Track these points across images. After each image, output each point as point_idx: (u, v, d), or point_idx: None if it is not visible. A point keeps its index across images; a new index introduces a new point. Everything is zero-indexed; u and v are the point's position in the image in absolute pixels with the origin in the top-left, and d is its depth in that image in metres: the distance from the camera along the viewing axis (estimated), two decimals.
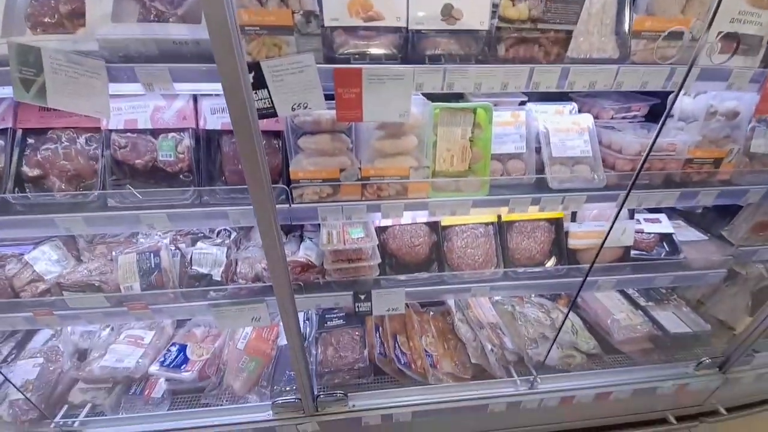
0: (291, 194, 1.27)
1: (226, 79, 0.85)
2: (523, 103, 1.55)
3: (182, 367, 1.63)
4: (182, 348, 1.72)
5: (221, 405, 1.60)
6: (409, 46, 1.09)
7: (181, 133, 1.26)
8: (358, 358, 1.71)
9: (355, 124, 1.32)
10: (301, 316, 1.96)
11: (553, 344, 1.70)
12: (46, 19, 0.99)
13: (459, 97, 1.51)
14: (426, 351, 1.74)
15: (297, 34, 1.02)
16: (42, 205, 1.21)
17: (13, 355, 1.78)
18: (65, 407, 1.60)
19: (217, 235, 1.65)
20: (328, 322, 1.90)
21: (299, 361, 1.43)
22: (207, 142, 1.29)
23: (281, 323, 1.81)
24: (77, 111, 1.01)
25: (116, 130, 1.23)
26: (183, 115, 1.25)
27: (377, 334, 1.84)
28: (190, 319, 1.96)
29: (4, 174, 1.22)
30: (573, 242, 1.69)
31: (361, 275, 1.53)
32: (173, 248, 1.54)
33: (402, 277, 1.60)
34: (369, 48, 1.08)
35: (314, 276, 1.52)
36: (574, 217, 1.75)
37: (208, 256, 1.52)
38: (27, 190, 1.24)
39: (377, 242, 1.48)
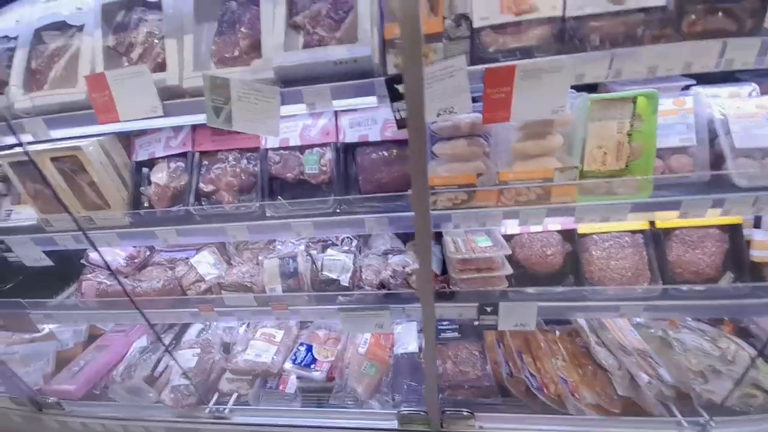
0: None
1: (410, 89, 0.85)
2: (686, 88, 1.32)
3: (311, 366, 1.74)
4: (309, 347, 1.84)
5: (346, 407, 1.65)
6: (566, 36, 1.00)
7: (324, 147, 1.36)
8: (481, 375, 1.60)
9: (491, 127, 1.27)
10: (412, 326, 1.95)
11: (738, 384, 1.37)
12: (227, 54, 1.16)
13: (591, 88, 1.34)
14: (560, 376, 1.56)
15: (446, 40, 1.02)
16: (214, 216, 1.42)
17: (173, 345, 2.11)
18: (216, 395, 1.82)
19: (341, 243, 1.74)
20: (441, 334, 1.84)
21: (432, 374, 1.39)
22: (344, 154, 1.37)
23: (395, 332, 1.82)
24: (254, 133, 1.15)
25: (272, 149, 1.39)
26: (327, 131, 1.35)
27: (500, 351, 1.71)
28: (312, 321, 2.10)
29: (186, 190, 1.47)
30: (758, 254, 1.35)
31: (489, 286, 1.44)
32: (306, 254, 1.66)
33: (530, 290, 1.46)
34: (520, 43, 1.03)
35: (438, 285, 1.49)
36: (758, 222, 1.41)
37: (337, 263, 1.60)
38: (203, 203, 1.46)
39: (509, 251, 1.38)
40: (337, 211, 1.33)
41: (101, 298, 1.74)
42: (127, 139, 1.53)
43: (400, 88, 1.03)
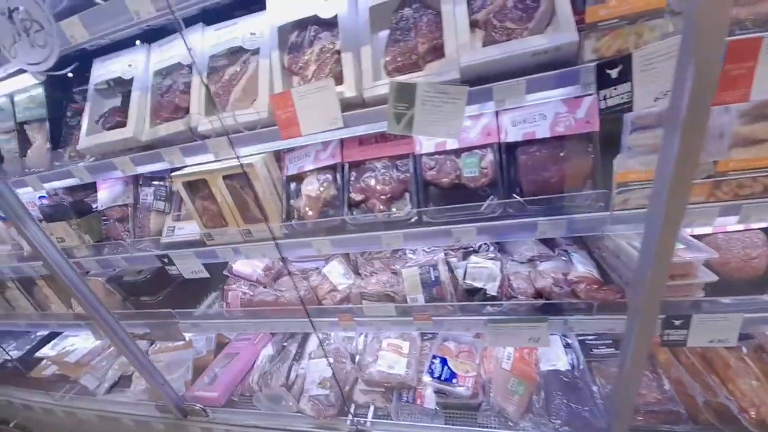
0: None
1: (704, 71, 0.74)
2: None
3: (453, 381, 1.65)
4: (443, 361, 1.76)
5: (500, 429, 1.53)
6: None
7: (484, 149, 1.30)
8: (661, 399, 1.40)
9: None
10: (555, 340, 1.79)
11: None
12: (404, 61, 1.15)
13: None
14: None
15: (668, 16, 0.91)
16: (367, 225, 1.41)
17: (298, 354, 2.15)
18: (353, 406, 1.81)
19: (479, 250, 1.66)
20: (594, 350, 1.66)
21: (628, 401, 1.22)
22: (506, 155, 1.30)
23: (539, 348, 1.67)
24: (434, 136, 1.12)
25: (426, 154, 1.36)
26: (487, 131, 1.29)
27: (682, 370, 1.49)
28: (435, 333, 2.02)
29: (339, 200, 1.49)
30: None
31: (682, 295, 1.26)
32: (446, 262, 1.60)
33: (726, 300, 1.25)
34: (754, 14, 0.88)
35: (612, 295, 1.33)
36: None
37: (483, 271, 1.52)
38: (353, 213, 1.47)
39: (714, 254, 1.19)
40: (503, 214, 1.25)
41: (246, 308, 1.83)
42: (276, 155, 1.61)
43: (613, 73, 0.94)
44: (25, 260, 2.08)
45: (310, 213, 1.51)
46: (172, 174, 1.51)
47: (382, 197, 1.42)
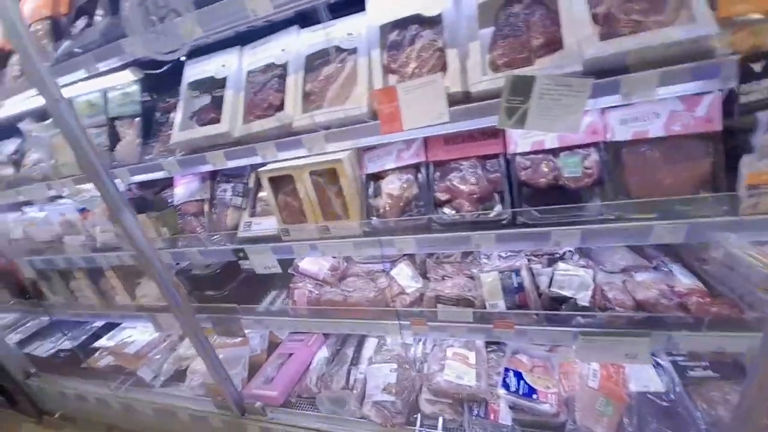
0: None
1: None
2: None
3: (534, 397, 1.56)
4: (518, 374, 1.67)
5: None
6: None
7: (588, 148, 1.25)
8: None
9: None
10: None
11: None
12: (514, 56, 1.13)
13: None
14: None
15: None
16: (454, 225, 1.38)
17: (355, 359, 2.11)
18: (418, 415, 1.74)
19: (563, 257, 1.58)
20: (690, 372, 1.53)
21: (752, 427, 1.11)
22: (612, 155, 1.24)
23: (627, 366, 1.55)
24: (549, 131, 1.09)
25: (521, 153, 1.32)
26: (593, 129, 1.24)
27: None
28: (502, 344, 1.94)
29: (422, 199, 1.46)
30: None
31: None
32: (528, 268, 1.54)
33: None
34: None
35: (727, 310, 1.22)
36: None
37: (574, 278, 1.44)
38: (438, 212, 1.44)
39: None
40: (614, 217, 1.19)
41: (312, 306, 1.82)
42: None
43: (756, 67, 0.88)
44: (99, 251, 2.17)
45: (390, 212, 1.50)
46: (259, 170, 1.54)
47: (471, 197, 1.38)
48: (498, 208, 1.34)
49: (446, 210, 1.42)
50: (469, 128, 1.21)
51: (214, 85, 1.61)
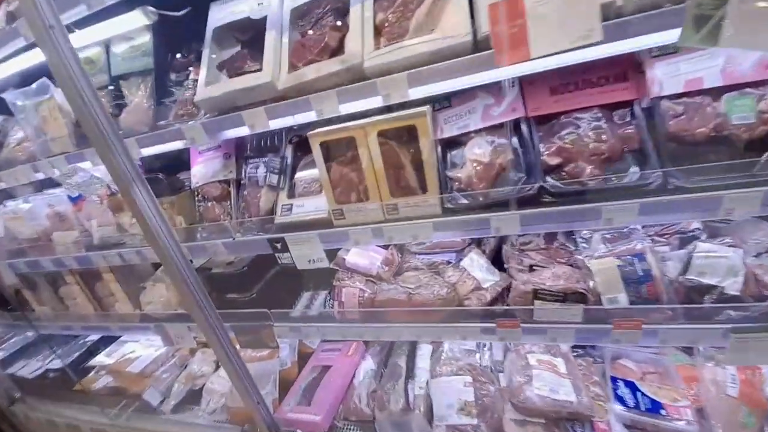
0: None
1: None
2: None
3: (661, 413, 1.24)
4: (630, 385, 1.35)
5: None
6: None
7: (763, 87, 0.95)
8: None
9: None
10: None
11: None
12: None
13: None
14: None
15: None
16: (577, 194, 1.06)
17: (410, 370, 1.76)
18: None
19: (692, 234, 1.27)
20: None
21: None
22: None
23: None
24: (754, 49, 0.78)
25: (668, 96, 1.01)
26: (766, 63, 0.94)
27: None
28: (590, 348, 1.62)
29: (521, 165, 1.15)
30: None
31: None
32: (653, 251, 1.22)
33: None
34: None
35: None
36: None
37: (721, 261, 1.13)
38: (546, 179, 1.12)
39: None
40: None
41: (366, 309, 1.48)
42: None
43: None
44: (95, 249, 1.81)
45: (478, 183, 1.17)
46: (310, 133, 1.20)
47: (595, 158, 1.07)
48: (635, 170, 1.03)
49: (557, 177, 1.11)
50: (614, 53, 0.90)
51: (248, 28, 1.27)
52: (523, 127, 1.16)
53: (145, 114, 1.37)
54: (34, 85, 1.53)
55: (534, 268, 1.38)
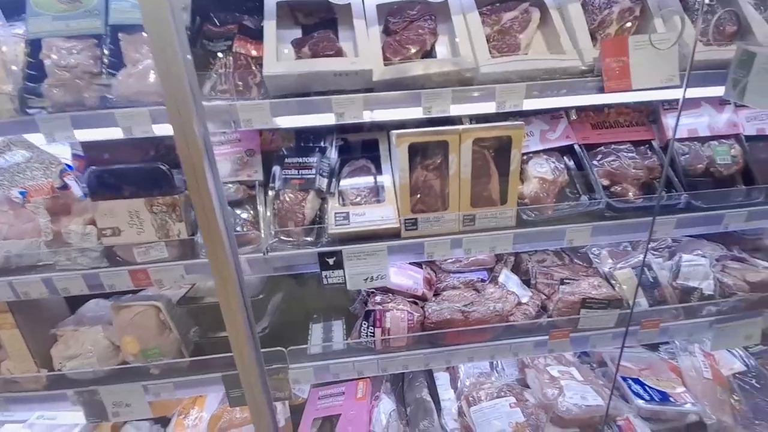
0: None
1: None
2: None
3: (671, 401, 1.45)
4: (638, 381, 1.56)
5: None
6: None
7: (729, 139, 1.34)
8: None
9: None
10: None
11: None
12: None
13: None
14: None
15: None
16: (631, 209, 1.25)
17: (437, 402, 1.61)
18: None
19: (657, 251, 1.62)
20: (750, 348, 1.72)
21: None
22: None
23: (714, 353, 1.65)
24: (763, 107, 1.10)
25: (678, 139, 1.33)
26: (732, 123, 1.35)
27: None
28: (585, 353, 1.81)
29: (575, 185, 1.30)
30: None
31: None
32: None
33: None
34: None
35: None
36: None
37: (699, 268, 1.47)
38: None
39: None
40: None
41: (422, 332, 1.33)
42: None
43: None
44: None
45: (546, 198, 1.27)
46: (397, 132, 1.09)
47: (635, 181, 1.30)
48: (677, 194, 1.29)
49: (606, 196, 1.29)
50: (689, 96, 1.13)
51: (315, 11, 1.13)
52: (578, 151, 1.33)
53: (158, 82, 1.01)
54: None
55: (565, 281, 1.52)
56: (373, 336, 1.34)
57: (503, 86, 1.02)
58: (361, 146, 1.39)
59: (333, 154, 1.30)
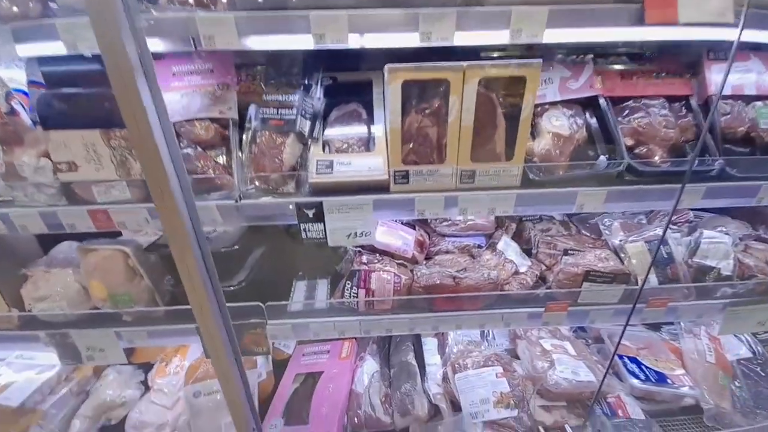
0: None
1: None
2: None
3: (668, 383, 1.38)
4: (634, 360, 1.48)
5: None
6: None
7: None
8: None
9: None
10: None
11: None
12: None
13: None
14: None
15: None
16: (654, 175, 1.09)
17: (421, 366, 1.58)
18: (540, 429, 1.36)
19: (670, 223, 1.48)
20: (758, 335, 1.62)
21: None
22: None
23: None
24: None
25: (722, 96, 1.13)
26: None
27: None
28: (581, 328, 1.74)
29: (600, 142, 1.13)
30: None
31: None
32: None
33: None
34: None
35: None
36: None
37: (720, 246, 1.33)
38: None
39: None
40: None
41: (410, 296, 1.25)
42: None
43: None
44: None
45: (558, 156, 1.11)
46: (390, 66, 0.93)
47: (663, 143, 1.13)
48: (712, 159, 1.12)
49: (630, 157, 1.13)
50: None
51: None
52: (602, 105, 1.15)
53: None
54: None
55: (569, 252, 1.40)
56: (356, 297, 1.26)
57: (520, 9, 0.83)
58: (352, 88, 1.22)
59: (318, 93, 1.14)
